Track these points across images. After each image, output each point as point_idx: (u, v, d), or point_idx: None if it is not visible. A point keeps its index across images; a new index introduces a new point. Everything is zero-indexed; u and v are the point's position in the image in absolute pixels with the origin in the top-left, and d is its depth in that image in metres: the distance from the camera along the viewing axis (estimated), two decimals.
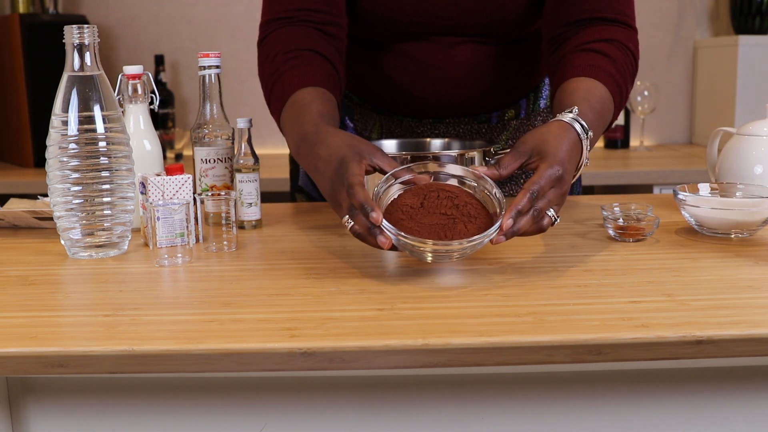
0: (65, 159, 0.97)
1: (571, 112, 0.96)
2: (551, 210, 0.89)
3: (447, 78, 1.23)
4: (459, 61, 1.22)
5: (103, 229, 1.00)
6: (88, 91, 0.98)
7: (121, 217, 1.01)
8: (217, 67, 1.17)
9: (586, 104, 1.00)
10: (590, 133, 0.96)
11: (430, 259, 0.87)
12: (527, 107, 1.32)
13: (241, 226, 1.15)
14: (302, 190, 1.40)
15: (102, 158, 0.98)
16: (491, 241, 0.85)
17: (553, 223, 0.90)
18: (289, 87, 1.08)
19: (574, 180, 0.96)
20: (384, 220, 0.84)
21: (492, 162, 0.99)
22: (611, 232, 1.05)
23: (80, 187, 0.98)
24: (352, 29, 1.22)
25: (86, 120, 0.97)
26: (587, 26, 1.14)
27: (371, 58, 1.26)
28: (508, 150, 0.95)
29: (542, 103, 1.33)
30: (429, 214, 0.88)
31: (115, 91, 1.04)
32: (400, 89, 1.26)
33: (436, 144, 1.22)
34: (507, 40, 1.24)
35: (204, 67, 1.16)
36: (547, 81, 1.33)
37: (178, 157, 2.64)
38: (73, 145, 0.97)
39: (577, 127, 0.95)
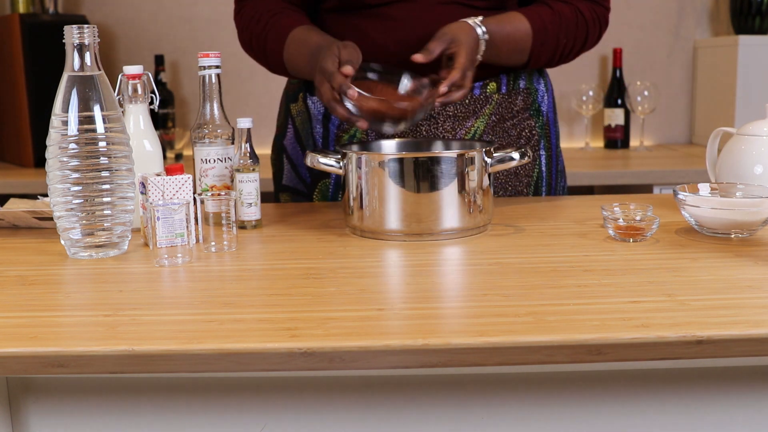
0: (65, 159, 0.97)
1: (476, 18, 1.22)
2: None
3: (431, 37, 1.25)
4: (444, 22, 1.24)
5: (103, 229, 1.00)
6: (88, 91, 0.98)
7: (121, 217, 1.01)
8: (217, 67, 1.17)
9: (495, 22, 1.23)
10: (487, 36, 1.21)
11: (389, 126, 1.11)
12: (508, 83, 1.34)
13: (241, 226, 1.15)
14: (287, 188, 1.41)
15: (102, 158, 0.98)
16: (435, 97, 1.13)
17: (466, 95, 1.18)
18: (285, 29, 1.26)
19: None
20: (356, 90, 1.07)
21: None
22: (611, 232, 1.05)
23: (80, 187, 0.98)
24: (329, 1, 1.30)
25: (86, 120, 0.97)
26: None
27: (355, 22, 1.28)
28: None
29: (521, 83, 1.35)
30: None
31: (115, 91, 1.04)
32: (386, 52, 1.26)
33: (436, 144, 1.22)
34: (492, 5, 1.28)
35: (204, 67, 1.16)
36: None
37: (178, 157, 2.64)
38: (73, 145, 0.97)
39: (478, 30, 1.20)
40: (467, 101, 1.32)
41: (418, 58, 1.15)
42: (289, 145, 1.40)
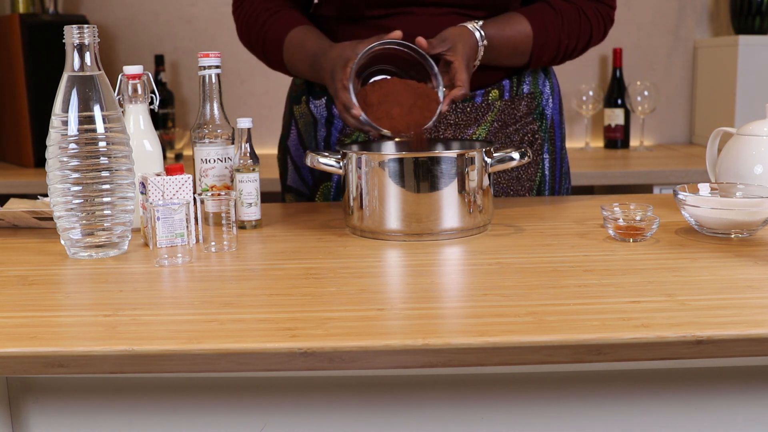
0: (65, 159, 0.97)
1: (477, 22, 1.22)
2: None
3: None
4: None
5: (103, 229, 1.00)
6: (88, 91, 0.98)
7: (121, 217, 1.01)
8: (217, 67, 1.17)
9: (496, 26, 1.24)
10: (485, 42, 1.22)
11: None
12: (511, 89, 1.33)
13: (241, 226, 1.15)
14: (291, 189, 1.41)
15: (102, 158, 0.98)
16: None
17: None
18: (283, 29, 1.28)
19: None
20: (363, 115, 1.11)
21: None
22: (611, 232, 1.05)
23: (80, 187, 0.98)
24: (327, 8, 1.30)
25: (86, 120, 0.97)
26: None
27: (354, 31, 1.26)
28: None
29: (525, 88, 1.34)
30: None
31: (115, 91, 1.04)
32: None
33: (436, 144, 1.22)
34: (492, 15, 1.27)
35: (204, 67, 1.16)
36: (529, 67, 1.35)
37: (178, 157, 2.64)
38: (73, 145, 0.97)
39: (477, 34, 1.21)
40: (468, 109, 1.31)
41: (422, 42, 1.15)
42: (293, 146, 1.40)
